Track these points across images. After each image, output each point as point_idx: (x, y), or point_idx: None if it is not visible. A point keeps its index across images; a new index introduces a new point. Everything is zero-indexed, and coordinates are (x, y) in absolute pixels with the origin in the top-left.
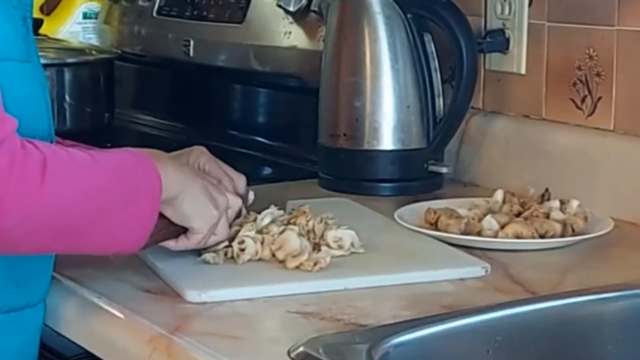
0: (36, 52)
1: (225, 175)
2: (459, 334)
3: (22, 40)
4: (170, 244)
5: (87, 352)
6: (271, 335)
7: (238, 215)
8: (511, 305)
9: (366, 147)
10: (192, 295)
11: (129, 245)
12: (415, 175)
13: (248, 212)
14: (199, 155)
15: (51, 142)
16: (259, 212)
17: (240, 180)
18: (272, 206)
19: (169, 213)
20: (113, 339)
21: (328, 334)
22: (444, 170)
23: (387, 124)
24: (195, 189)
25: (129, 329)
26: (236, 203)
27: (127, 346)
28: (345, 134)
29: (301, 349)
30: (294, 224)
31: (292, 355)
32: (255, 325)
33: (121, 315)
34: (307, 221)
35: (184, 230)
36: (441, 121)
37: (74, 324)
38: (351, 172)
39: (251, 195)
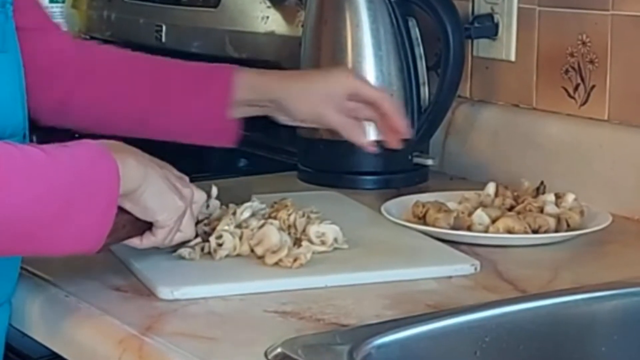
0: (14, 41)
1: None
2: (445, 335)
3: None
4: (135, 242)
5: (53, 353)
6: (247, 336)
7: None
8: (500, 305)
9: None
10: (164, 292)
11: (88, 245)
12: (399, 167)
13: (227, 205)
14: (347, 80)
15: (24, 135)
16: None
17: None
18: (254, 198)
19: (129, 207)
20: (81, 340)
21: (307, 335)
22: (429, 162)
23: None
24: (157, 180)
25: (98, 329)
26: (201, 197)
27: (96, 347)
28: None
29: (279, 350)
30: (275, 218)
31: (270, 356)
32: (230, 325)
33: (90, 315)
34: (289, 215)
35: (149, 227)
36: (426, 111)
37: (40, 324)
38: (332, 165)
39: (214, 190)
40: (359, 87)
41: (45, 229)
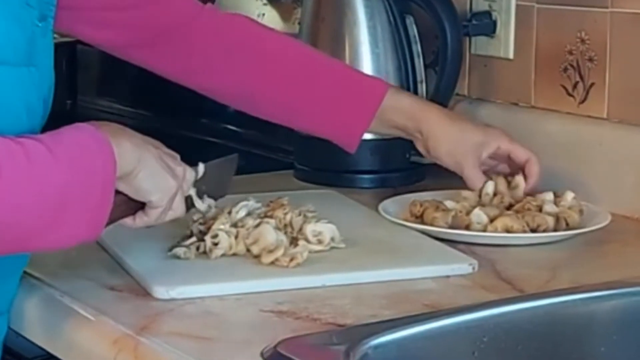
0: (47, 55)
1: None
2: (443, 335)
3: (25, 43)
4: (129, 222)
5: (48, 354)
6: (243, 336)
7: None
8: (498, 304)
9: None
10: (160, 291)
11: (88, 235)
12: (396, 166)
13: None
14: (500, 137)
15: None
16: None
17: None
18: (250, 197)
19: (123, 188)
20: (76, 340)
21: (304, 335)
22: (427, 160)
23: None
24: (151, 161)
25: (93, 329)
26: (191, 175)
27: (92, 348)
28: None
29: (275, 350)
30: (271, 217)
31: (266, 357)
32: (226, 324)
33: (85, 315)
34: (285, 214)
35: (142, 206)
36: None
37: (35, 324)
38: (329, 163)
39: (200, 168)
40: (513, 149)
41: (44, 227)
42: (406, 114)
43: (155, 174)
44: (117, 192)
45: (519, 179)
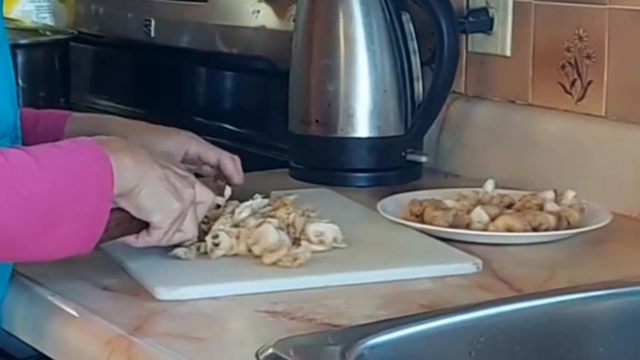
0: (4, 39)
1: (223, 159)
2: (439, 335)
3: None
4: (131, 239)
5: (40, 354)
6: (238, 337)
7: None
8: (495, 304)
9: (340, 134)
10: (161, 292)
11: (78, 249)
12: (392, 164)
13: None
14: (187, 142)
15: (16, 136)
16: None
17: (232, 162)
18: (257, 196)
19: (125, 205)
20: (68, 340)
21: (299, 335)
22: (423, 159)
23: (362, 109)
24: (154, 181)
25: (85, 329)
26: (207, 197)
27: (83, 348)
28: (317, 121)
29: (270, 350)
30: (274, 216)
31: (261, 357)
32: (221, 325)
33: (77, 315)
34: (288, 214)
35: (146, 225)
36: (420, 106)
37: (26, 324)
38: (324, 162)
39: (227, 191)
40: (202, 151)
41: (29, 237)
42: (88, 133)
43: (158, 193)
44: (121, 209)
45: (219, 184)
